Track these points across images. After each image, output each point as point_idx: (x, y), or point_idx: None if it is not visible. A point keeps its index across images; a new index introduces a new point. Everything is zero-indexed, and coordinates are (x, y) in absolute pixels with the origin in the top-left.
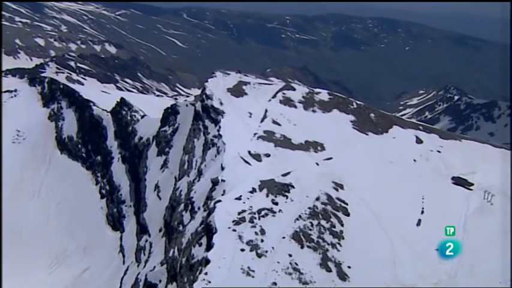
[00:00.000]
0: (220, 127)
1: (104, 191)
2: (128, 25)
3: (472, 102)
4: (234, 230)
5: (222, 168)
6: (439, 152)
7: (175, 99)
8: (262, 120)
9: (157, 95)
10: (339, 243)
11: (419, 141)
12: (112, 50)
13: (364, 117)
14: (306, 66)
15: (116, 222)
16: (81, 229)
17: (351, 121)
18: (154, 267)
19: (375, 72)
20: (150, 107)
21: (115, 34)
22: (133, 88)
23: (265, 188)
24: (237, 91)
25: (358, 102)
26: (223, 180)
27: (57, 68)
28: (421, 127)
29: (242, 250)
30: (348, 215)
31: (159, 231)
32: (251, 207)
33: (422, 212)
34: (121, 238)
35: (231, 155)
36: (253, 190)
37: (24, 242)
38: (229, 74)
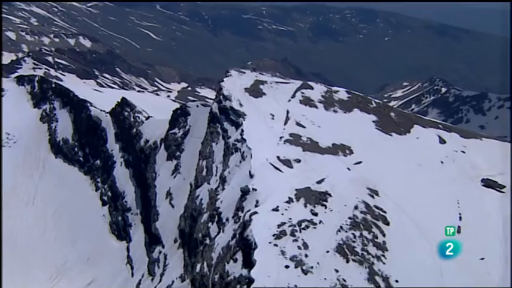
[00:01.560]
0: (243, 130)
1: (105, 198)
2: (100, 17)
3: (461, 94)
4: (276, 245)
5: (251, 176)
6: (463, 152)
7: (157, 94)
8: (285, 123)
9: (138, 91)
10: (384, 256)
11: (442, 141)
12: (87, 43)
13: (385, 116)
14: (287, 59)
15: (120, 231)
16: (83, 239)
17: (373, 121)
18: (173, 281)
19: (354, 64)
20: (145, 106)
21: (87, 27)
22: (113, 84)
23: (302, 197)
24: (255, 91)
25: (377, 100)
26: (254, 189)
27: (34, 63)
28: (440, 126)
29: (286, 267)
30: (387, 224)
31: (174, 242)
32: (290, 219)
33: (460, 218)
34: (128, 248)
35: (258, 161)
36: (290, 200)
37: (21, 253)
38: (244, 72)
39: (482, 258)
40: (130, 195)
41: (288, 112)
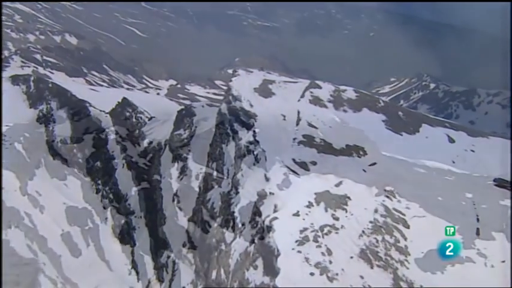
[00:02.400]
0: (255, 132)
1: (107, 200)
2: (84, 14)
3: (450, 90)
4: (299, 252)
5: (267, 179)
6: (472, 151)
7: (146, 91)
8: (297, 123)
9: (127, 88)
10: (407, 260)
11: (451, 140)
12: (73, 40)
13: (394, 115)
14: (274, 55)
15: (124, 235)
16: (85, 243)
17: (383, 121)
18: None
19: (340, 60)
20: (143, 105)
21: (72, 24)
22: (102, 81)
23: (322, 201)
24: (265, 91)
25: (384, 99)
26: (271, 193)
27: (22, 61)
28: (447, 124)
29: (312, 274)
30: (407, 227)
31: (183, 247)
32: (312, 224)
33: (477, 220)
34: (132, 253)
35: (274, 163)
36: (310, 204)
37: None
38: (252, 71)
39: (503, 261)
40: (134, 198)
41: (298, 112)
